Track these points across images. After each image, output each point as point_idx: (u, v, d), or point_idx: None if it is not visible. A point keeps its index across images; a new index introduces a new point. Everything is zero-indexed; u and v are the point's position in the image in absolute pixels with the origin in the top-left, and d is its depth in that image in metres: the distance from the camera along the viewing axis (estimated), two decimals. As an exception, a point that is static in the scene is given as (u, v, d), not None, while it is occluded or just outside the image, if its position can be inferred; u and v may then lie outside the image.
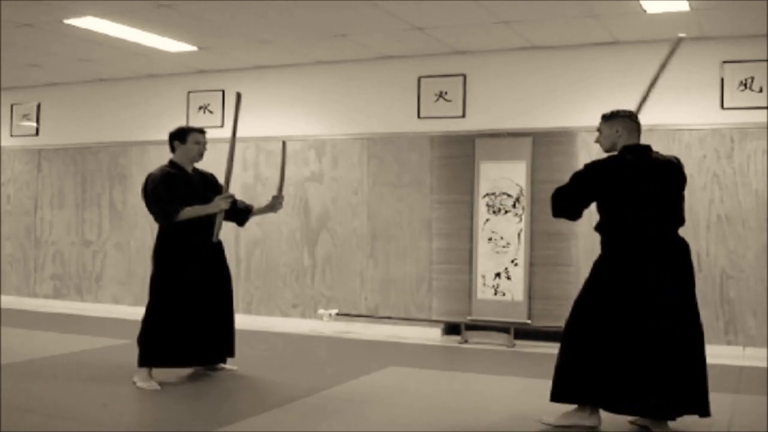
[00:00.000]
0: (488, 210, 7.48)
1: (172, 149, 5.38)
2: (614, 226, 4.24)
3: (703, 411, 4.06)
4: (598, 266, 4.30)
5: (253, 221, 8.40)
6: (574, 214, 4.39)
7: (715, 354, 6.67)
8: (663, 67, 4.66)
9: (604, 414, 4.20)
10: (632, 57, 7.12)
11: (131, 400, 4.69)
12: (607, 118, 4.44)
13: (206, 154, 8.67)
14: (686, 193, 6.79)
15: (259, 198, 8.41)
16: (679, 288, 4.12)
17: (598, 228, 4.33)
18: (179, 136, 5.36)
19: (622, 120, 4.39)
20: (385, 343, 7.31)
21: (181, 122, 8.81)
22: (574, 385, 4.17)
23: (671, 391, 4.02)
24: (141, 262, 9.02)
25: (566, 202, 4.36)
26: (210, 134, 8.67)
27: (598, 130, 4.47)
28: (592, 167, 4.29)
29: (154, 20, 6.76)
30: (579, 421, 4.20)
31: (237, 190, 8.56)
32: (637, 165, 4.22)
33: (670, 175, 4.27)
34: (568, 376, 4.20)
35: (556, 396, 4.23)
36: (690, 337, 4.14)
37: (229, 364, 5.52)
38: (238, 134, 8.56)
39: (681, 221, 4.26)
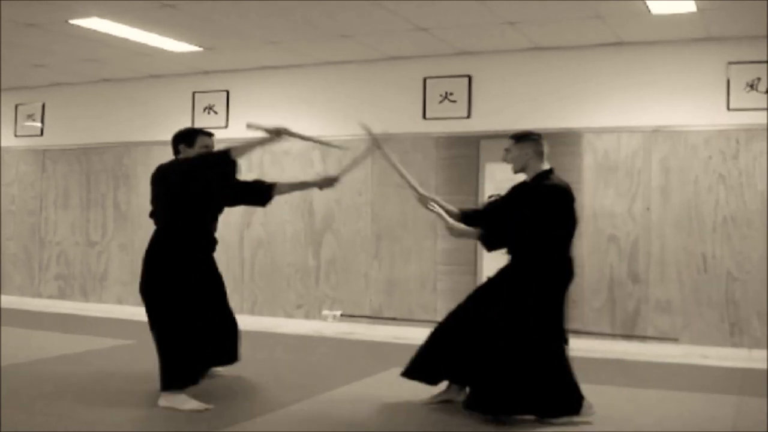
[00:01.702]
0: (493, 211, 7.46)
1: (177, 152, 4.92)
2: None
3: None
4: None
5: (257, 222, 8.46)
6: None
7: (721, 356, 6.68)
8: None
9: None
10: (638, 58, 7.12)
11: (133, 402, 4.68)
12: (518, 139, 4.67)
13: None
14: (692, 193, 6.81)
15: (264, 199, 8.42)
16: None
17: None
18: (186, 139, 4.90)
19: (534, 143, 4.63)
20: (389, 345, 7.29)
21: (186, 123, 8.81)
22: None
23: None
24: (145, 263, 9.01)
25: None
26: (215, 135, 8.76)
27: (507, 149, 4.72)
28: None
29: (158, 21, 6.76)
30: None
31: (241, 190, 8.58)
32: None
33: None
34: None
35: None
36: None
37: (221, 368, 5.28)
38: (242, 135, 8.60)
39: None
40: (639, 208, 7.08)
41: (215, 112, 8.77)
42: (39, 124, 9.82)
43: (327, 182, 5.34)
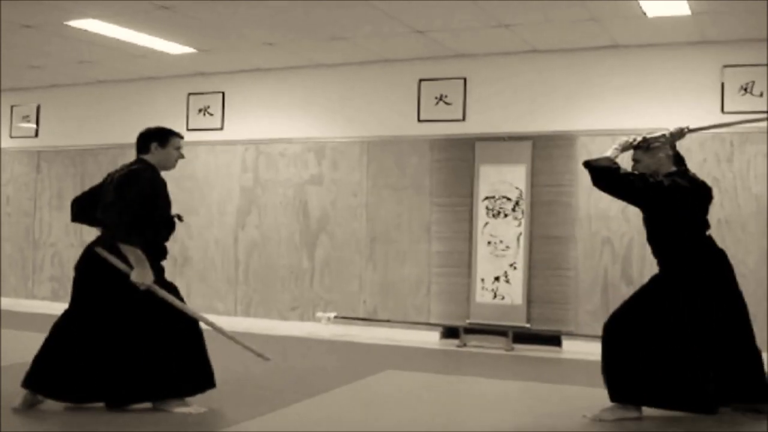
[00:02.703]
0: (488, 213, 7.47)
1: (146, 150, 4.73)
2: None
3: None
4: None
5: (251, 224, 8.45)
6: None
7: (715, 359, 6.66)
8: None
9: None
10: (633, 61, 7.13)
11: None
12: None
13: (208, 158, 8.77)
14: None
15: (258, 200, 8.42)
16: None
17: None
18: (159, 138, 4.72)
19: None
20: (383, 347, 7.30)
21: (182, 124, 8.84)
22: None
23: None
24: (140, 264, 9.00)
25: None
26: (209, 137, 8.77)
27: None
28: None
29: (154, 22, 6.76)
30: (622, 414, 4.44)
31: (236, 192, 8.59)
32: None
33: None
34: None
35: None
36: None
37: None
38: (238, 136, 8.62)
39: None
40: (633, 211, 7.05)
41: (210, 114, 8.77)
42: (34, 126, 9.81)
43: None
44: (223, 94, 8.73)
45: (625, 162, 4.68)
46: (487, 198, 7.48)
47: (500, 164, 7.47)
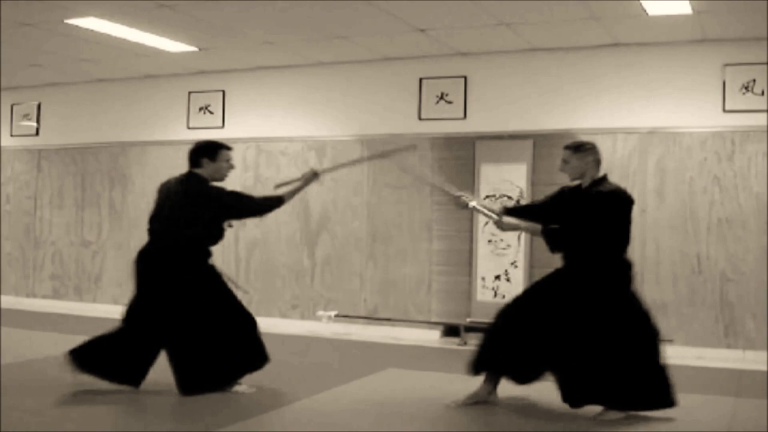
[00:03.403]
0: (488, 212, 7.46)
1: (197, 164, 4.96)
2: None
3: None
4: None
5: (252, 222, 8.44)
6: None
7: (715, 357, 6.70)
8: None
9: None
10: (634, 59, 7.13)
11: (129, 402, 4.67)
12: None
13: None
14: (687, 195, 6.83)
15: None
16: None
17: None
18: (209, 153, 4.97)
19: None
20: (384, 345, 7.30)
21: (182, 123, 8.85)
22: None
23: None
24: (140, 263, 9.00)
25: None
26: (210, 135, 8.75)
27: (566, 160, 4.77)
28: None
29: (154, 21, 6.76)
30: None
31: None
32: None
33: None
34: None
35: None
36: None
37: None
38: (238, 135, 8.62)
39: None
40: (634, 210, 7.07)
41: (211, 113, 8.77)
42: (34, 124, 9.81)
43: (311, 176, 5.27)
44: (224, 92, 8.72)
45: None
46: (487, 196, 7.48)
47: (501, 163, 7.47)
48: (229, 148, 5.11)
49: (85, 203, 9.42)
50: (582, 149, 4.74)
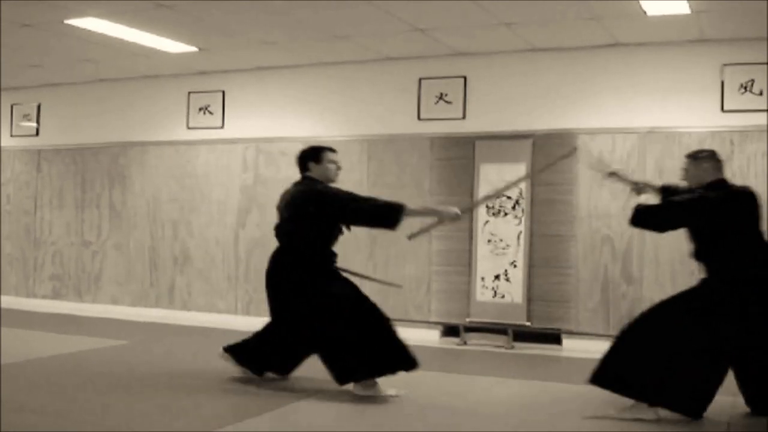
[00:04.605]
0: (488, 212, 7.48)
1: (306, 168, 5.20)
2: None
3: None
4: None
5: (252, 222, 8.45)
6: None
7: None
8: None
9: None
10: (633, 59, 7.14)
11: (128, 402, 4.67)
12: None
13: (209, 157, 8.78)
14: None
15: (259, 199, 8.43)
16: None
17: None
18: (313, 157, 5.18)
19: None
20: (384, 345, 7.29)
21: (182, 123, 8.87)
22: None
23: None
24: (140, 263, 9.02)
25: None
26: (209, 135, 8.78)
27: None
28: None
29: (154, 21, 6.76)
30: (639, 414, 4.43)
31: (237, 191, 8.60)
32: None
33: None
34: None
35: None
36: None
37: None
38: (238, 135, 8.63)
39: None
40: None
41: (211, 113, 8.77)
42: (34, 124, 9.81)
43: (452, 217, 5.13)
44: (224, 92, 8.73)
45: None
46: (487, 197, 7.47)
47: (500, 163, 7.47)
48: (333, 151, 5.25)
49: (84, 203, 9.43)
50: (697, 157, 4.67)
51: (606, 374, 4.51)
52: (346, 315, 4.96)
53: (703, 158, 4.64)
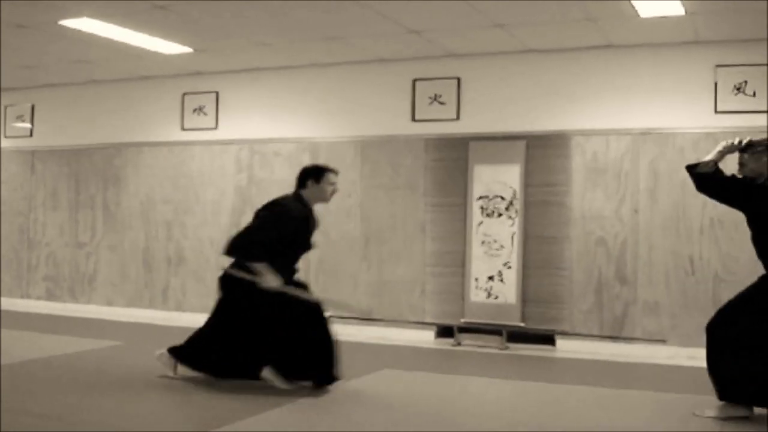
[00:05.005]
0: (482, 213, 7.49)
1: (304, 185, 5.27)
2: None
3: None
4: None
5: (246, 223, 8.40)
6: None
7: (708, 357, 6.68)
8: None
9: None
10: (627, 61, 7.15)
11: (125, 402, 4.67)
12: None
13: (202, 156, 8.77)
14: (680, 195, 6.83)
15: (253, 200, 8.41)
16: None
17: None
18: (314, 175, 5.27)
19: None
20: (378, 346, 7.30)
21: (176, 124, 8.85)
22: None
23: None
24: (134, 264, 9.01)
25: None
26: (203, 136, 8.78)
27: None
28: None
29: (149, 22, 6.76)
30: (732, 413, 4.44)
31: (230, 192, 8.60)
32: None
33: None
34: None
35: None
36: None
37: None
38: (232, 136, 8.63)
39: None
40: (627, 210, 7.12)
41: (205, 114, 8.77)
42: (28, 125, 9.80)
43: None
44: (218, 93, 8.73)
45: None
46: (481, 197, 7.50)
47: (494, 164, 7.48)
48: (335, 172, 5.37)
49: (79, 204, 9.41)
50: (754, 149, 4.51)
51: (737, 390, 4.44)
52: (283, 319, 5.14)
53: (763, 151, 4.48)
